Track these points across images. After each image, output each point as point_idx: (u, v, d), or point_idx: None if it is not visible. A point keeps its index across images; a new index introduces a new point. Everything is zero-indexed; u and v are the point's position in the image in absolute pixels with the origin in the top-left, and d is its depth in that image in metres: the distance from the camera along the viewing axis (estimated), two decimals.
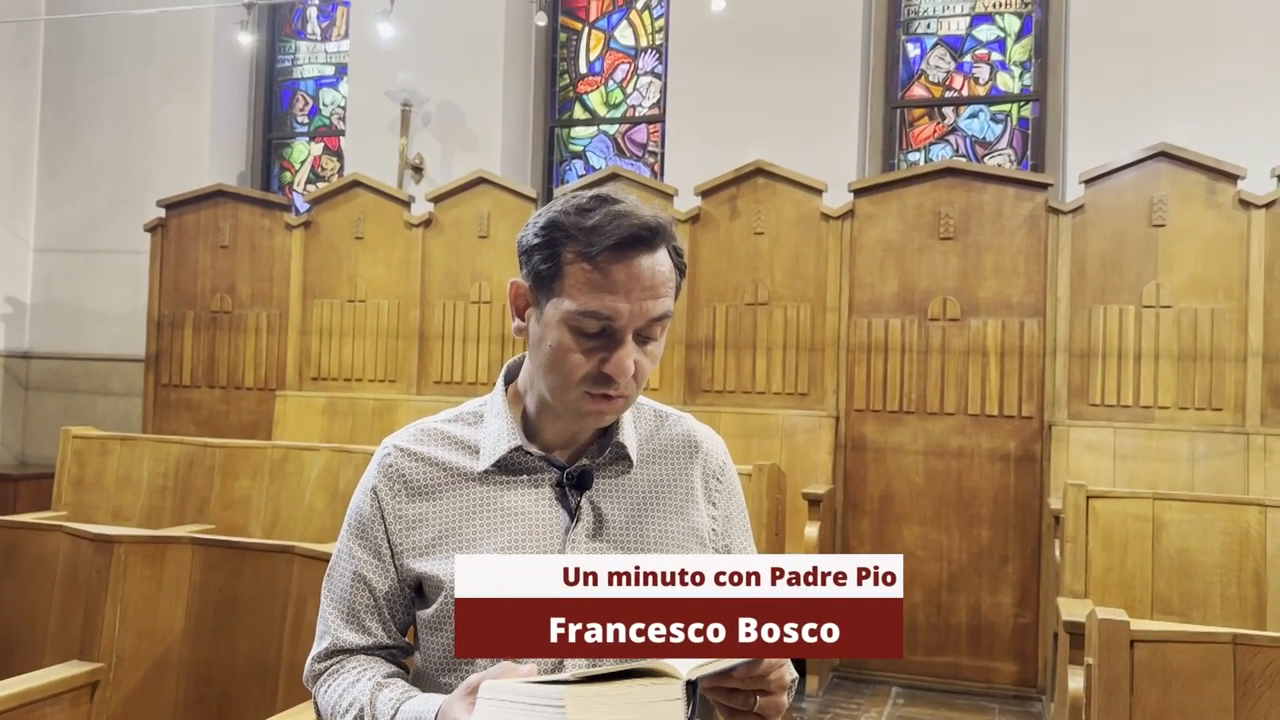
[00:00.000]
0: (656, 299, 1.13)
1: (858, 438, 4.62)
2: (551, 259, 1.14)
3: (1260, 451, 4.04)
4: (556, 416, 1.22)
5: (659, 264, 1.14)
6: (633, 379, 1.14)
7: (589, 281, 1.11)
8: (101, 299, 6.44)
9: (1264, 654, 1.76)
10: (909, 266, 4.60)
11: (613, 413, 1.18)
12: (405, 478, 1.23)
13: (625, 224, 1.11)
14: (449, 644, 1.17)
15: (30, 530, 2.70)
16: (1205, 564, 2.93)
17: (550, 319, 1.14)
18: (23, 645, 2.61)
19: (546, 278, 1.15)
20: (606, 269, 1.11)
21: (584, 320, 1.12)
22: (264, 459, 3.89)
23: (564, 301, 1.13)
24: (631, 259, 1.11)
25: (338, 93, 6.63)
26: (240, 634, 2.45)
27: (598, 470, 1.23)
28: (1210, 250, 4.25)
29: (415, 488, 1.22)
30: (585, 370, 1.13)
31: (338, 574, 1.26)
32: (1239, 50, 4.68)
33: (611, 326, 1.12)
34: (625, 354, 1.12)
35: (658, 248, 1.14)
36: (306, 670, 1.25)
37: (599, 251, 1.10)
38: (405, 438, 1.27)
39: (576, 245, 1.12)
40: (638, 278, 1.12)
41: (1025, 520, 4.40)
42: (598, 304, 1.11)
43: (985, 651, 4.41)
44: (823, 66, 5.34)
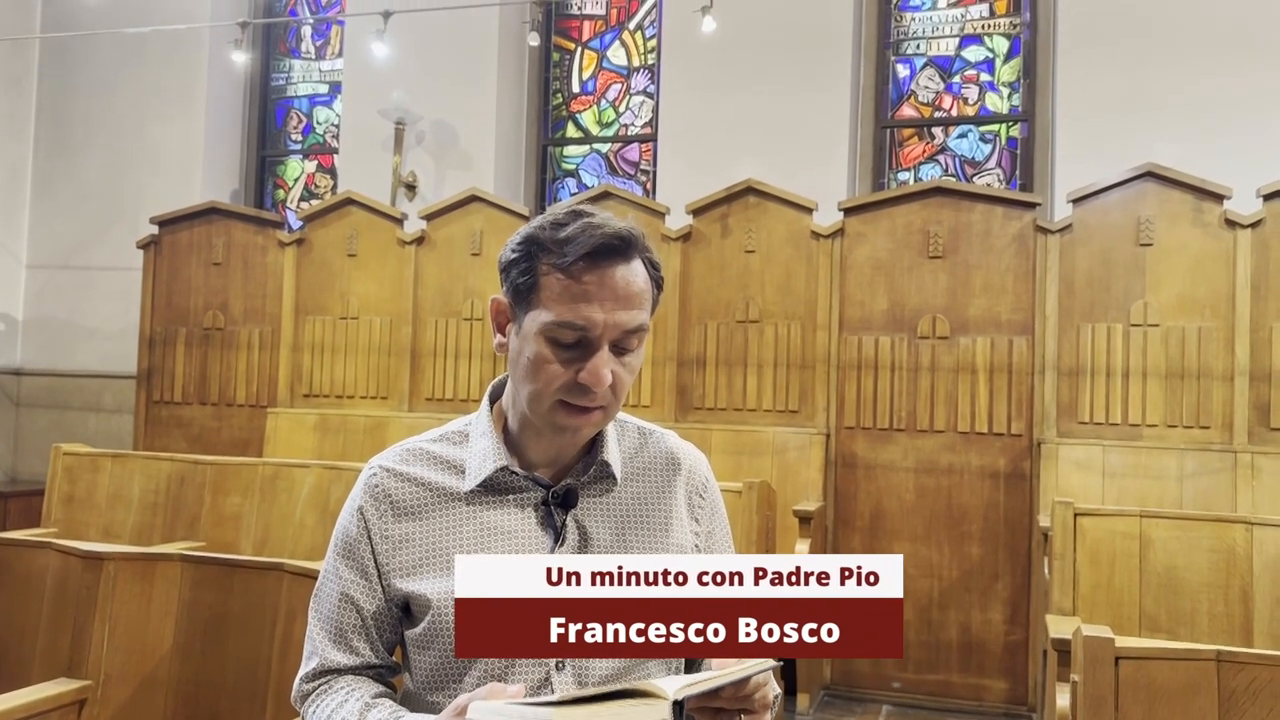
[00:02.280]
0: (630, 310, 1.15)
1: (848, 455, 4.64)
2: (528, 272, 1.17)
3: (1248, 469, 4.07)
4: (538, 433, 1.23)
5: (633, 275, 1.16)
6: (611, 390, 1.16)
7: (564, 291, 1.14)
8: (93, 315, 6.44)
9: (1247, 670, 1.77)
10: (899, 285, 4.63)
11: (590, 425, 1.18)
12: (391, 498, 1.24)
13: (597, 234, 1.13)
14: (437, 663, 1.18)
15: (20, 547, 2.68)
16: (1192, 581, 2.94)
17: (528, 331, 1.17)
18: (10, 662, 2.60)
19: (524, 290, 1.17)
20: (580, 278, 1.13)
21: (560, 331, 1.14)
22: (255, 476, 3.89)
23: (540, 313, 1.15)
24: (604, 268, 1.14)
25: (331, 111, 6.65)
26: (229, 651, 2.44)
27: (582, 489, 1.24)
28: (1197, 269, 4.28)
29: (401, 508, 1.23)
30: (562, 380, 1.15)
31: (325, 594, 1.26)
32: (1225, 71, 4.73)
33: (587, 336, 1.14)
34: (600, 363, 1.14)
35: (632, 258, 1.16)
36: (295, 690, 1.26)
37: (572, 261, 1.13)
38: (391, 458, 1.28)
39: (551, 257, 1.15)
40: (611, 288, 1.13)
41: (1015, 537, 4.41)
42: (572, 314, 1.13)
43: (976, 669, 4.41)
44: (813, 86, 5.39)
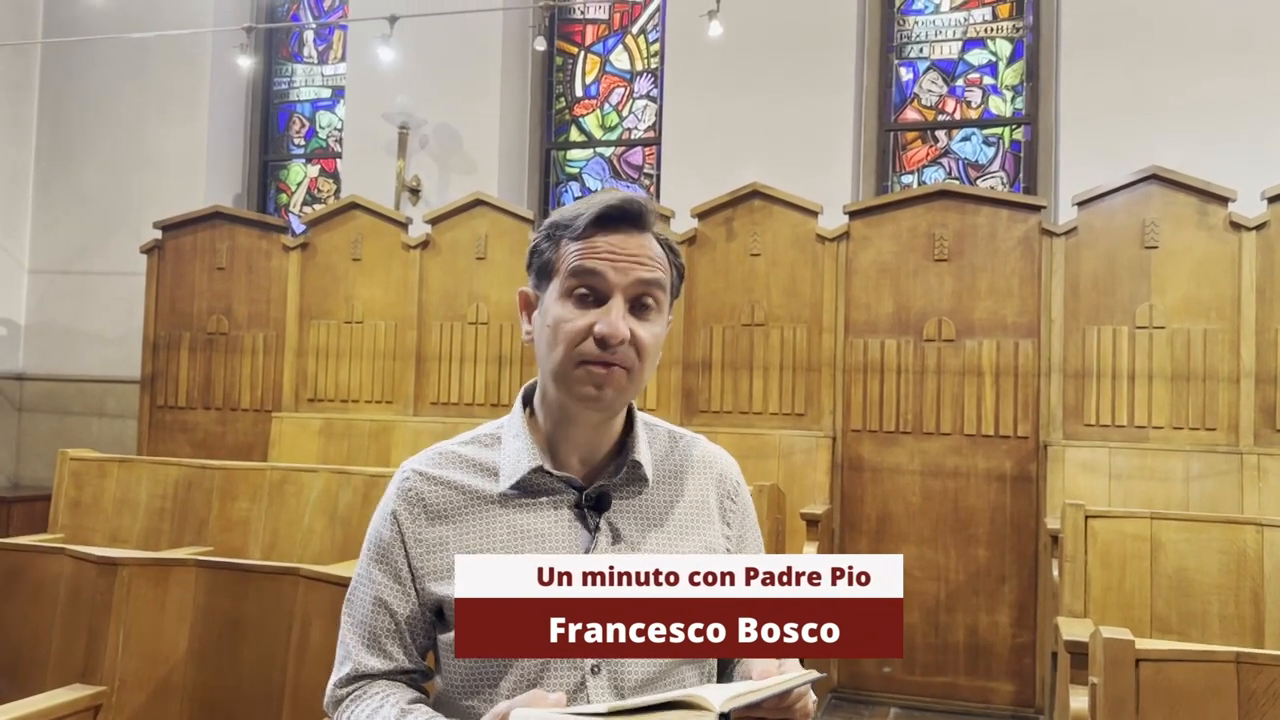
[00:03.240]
0: (642, 264, 1.19)
1: (855, 458, 4.64)
2: (550, 249, 1.22)
3: (1254, 471, 4.08)
4: (569, 425, 1.24)
5: (646, 241, 1.22)
6: (634, 351, 1.18)
7: (576, 251, 1.19)
8: (96, 321, 6.43)
9: (1267, 672, 1.78)
10: (904, 288, 4.64)
11: (611, 387, 1.18)
12: (425, 501, 1.24)
13: (604, 199, 1.20)
14: (472, 667, 1.18)
15: (32, 553, 2.67)
16: (1203, 583, 2.95)
17: (549, 302, 1.21)
18: (24, 669, 2.59)
19: (546, 268, 1.23)
20: (590, 238, 1.19)
21: (573, 281, 1.18)
22: (263, 481, 3.88)
23: (557, 280, 1.20)
24: (612, 230, 1.19)
25: (334, 115, 6.66)
26: (244, 657, 2.43)
27: (615, 490, 1.24)
28: (1202, 271, 4.29)
29: (435, 511, 1.23)
30: (580, 333, 1.17)
31: (358, 599, 1.26)
32: (1228, 73, 4.74)
33: (599, 286, 1.18)
34: (616, 315, 1.16)
35: (644, 230, 1.21)
36: (327, 697, 1.25)
37: (584, 225, 1.19)
38: (423, 461, 1.28)
39: (568, 230, 1.21)
40: (621, 245, 1.19)
41: (1022, 540, 4.42)
42: (580, 261, 1.18)
43: (983, 671, 4.41)
44: (817, 90, 5.39)
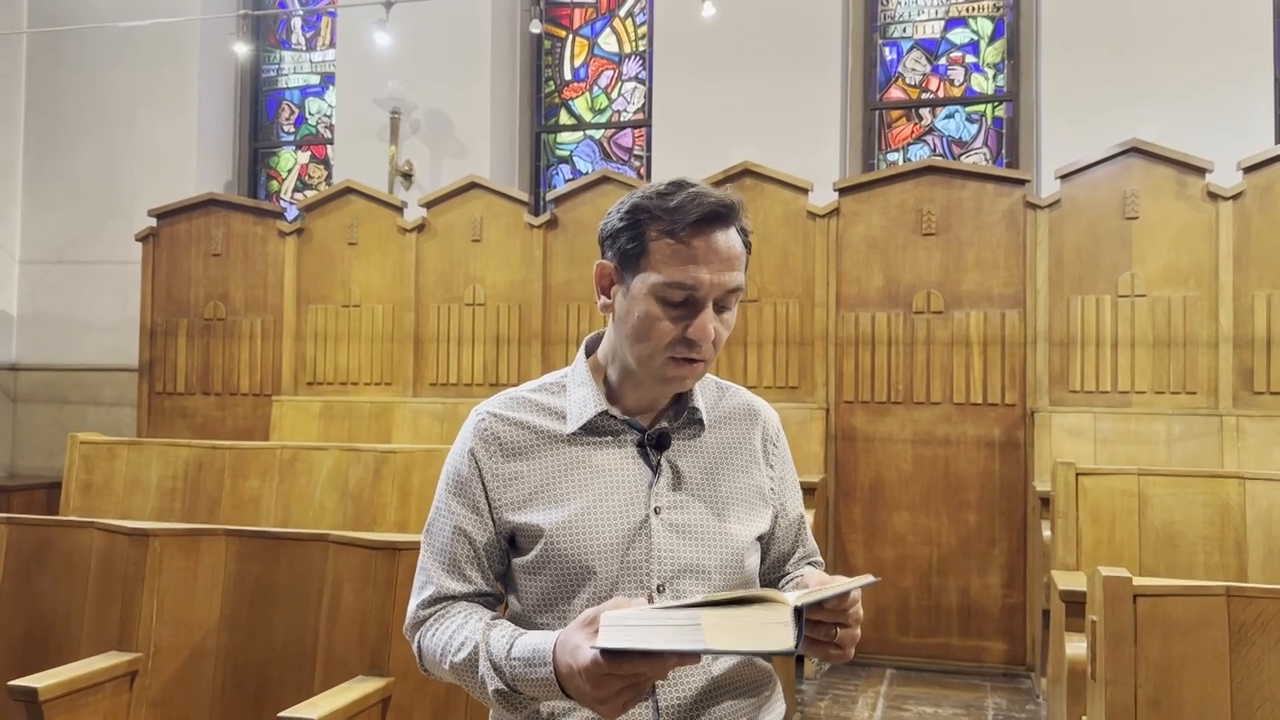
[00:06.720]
0: (732, 271, 1.27)
1: (848, 428, 4.76)
2: (637, 239, 1.27)
3: (1233, 432, 4.23)
4: (639, 384, 1.34)
5: (733, 240, 1.28)
6: (712, 345, 1.28)
7: (674, 255, 1.25)
8: (89, 310, 6.45)
9: (1255, 604, 1.90)
10: (893, 262, 4.76)
11: (694, 377, 1.30)
12: (500, 440, 1.34)
13: (704, 201, 1.24)
14: (547, 586, 1.30)
15: (61, 528, 2.74)
16: (1189, 535, 3.09)
17: (638, 292, 1.27)
18: (56, 639, 2.66)
19: (633, 256, 1.28)
20: (689, 242, 1.24)
21: (670, 291, 1.25)
22: (273, 459, 3.95)
23: (650, 275, 1.26)
24: (709, 233, 1.25)
25: (323, 102, 6.69)
26: (275, 621, 2.52)
27: (674, 432, 1.36)
28: (1181, 241, 4.43)
29: (509, 449, 1.34)
30: (672, 336, 1.26)
31: (437, 529, 1.37)
32: (1204, 48, 4.88)
33: (694, 295, 1.25)
34: (706, 320, 1.25)
35: (731, 224, 1.28)
36: (409, 618, 1.36)
37: (682, 228, 1.24)
38: (497, 404, 1.39)
39: (660, 224, 1.26)
40: (716, 250, 1.25)
41: (1011, 504, 4.56)
42: (682, 275, 1.24)
43: (975, 632, 4.56)
44: (803, 71, 5.49)
